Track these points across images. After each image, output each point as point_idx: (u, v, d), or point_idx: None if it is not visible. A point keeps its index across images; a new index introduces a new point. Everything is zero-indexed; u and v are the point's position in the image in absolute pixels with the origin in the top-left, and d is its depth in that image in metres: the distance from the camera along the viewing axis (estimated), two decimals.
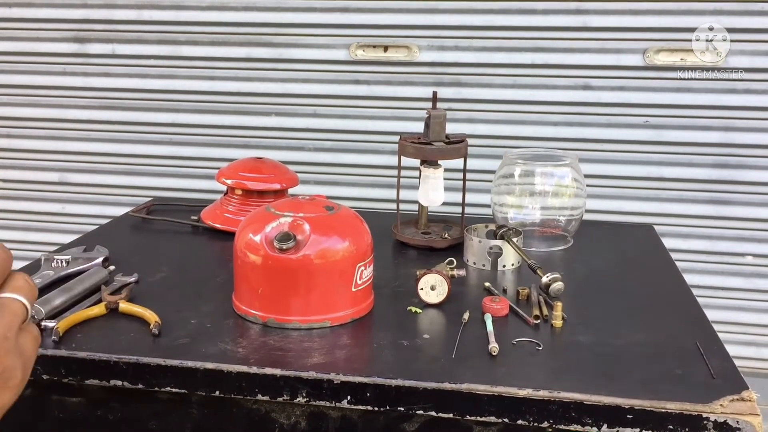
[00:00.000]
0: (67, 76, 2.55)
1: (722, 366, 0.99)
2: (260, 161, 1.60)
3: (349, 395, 0.95)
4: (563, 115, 2.33)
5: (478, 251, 1.38)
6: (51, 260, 1.30)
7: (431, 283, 1.18)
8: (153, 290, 1.23)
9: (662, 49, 2.24)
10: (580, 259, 1.44)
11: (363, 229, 1.16)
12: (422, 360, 1.02)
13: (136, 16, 2.46)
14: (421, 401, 0.94)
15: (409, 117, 2.36)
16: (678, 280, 1.35)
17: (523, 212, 1.51)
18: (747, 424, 0.87)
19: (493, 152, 2.15)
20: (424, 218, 1.53)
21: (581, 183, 1.51)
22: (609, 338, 1.08)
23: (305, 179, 2.27)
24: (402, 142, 1.47)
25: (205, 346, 1.03)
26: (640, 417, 0.89)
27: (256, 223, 1.12)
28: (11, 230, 2.69)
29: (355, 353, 1.05)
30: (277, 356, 1.01)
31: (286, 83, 2.45)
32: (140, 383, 0.99)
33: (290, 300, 1.09)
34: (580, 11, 2.26)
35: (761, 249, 2.33)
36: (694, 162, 2.30)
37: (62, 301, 1.13)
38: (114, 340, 1.05)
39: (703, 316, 1.18)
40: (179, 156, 2.55)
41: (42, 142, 2.62)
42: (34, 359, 0.66)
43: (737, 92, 2.24)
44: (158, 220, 1.63)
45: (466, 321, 1.12)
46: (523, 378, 0.95)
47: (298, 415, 1.00)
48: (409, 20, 2.34)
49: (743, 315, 2.36)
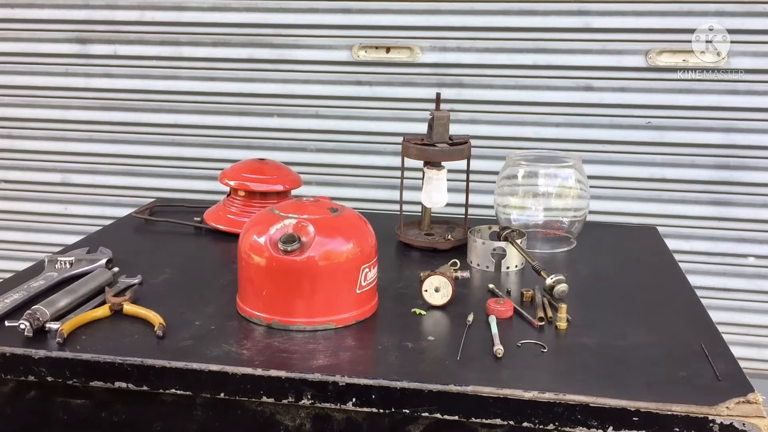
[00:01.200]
0: (69, 77, 2.55)
1: (727, 368, 0.99)
2: (263, 162, 1.60)
3: (354, 397, 0.95)
4: (565, 116, 2.33)
5: (481, 253, 1.38)
6: (55, 262, 1.30)
7: (435, 284, 1.18)
8: (157, 292, 1.23)
9: (664, 50, 2.24)
10: (583, 260, 1.44)
11: (367, 230, 1.16)
12: (427, 362, 1.02)
13: (138, 17, 2.46)
14: (426, 403, 0.94)
15: (412, 118, 2.36)
16: (682, 281, 1.35)
17: (527, 214, 1.51)
18: (753, 427, 0.87)
19: (496, 153, 2.15)
20: (428, 219, 1.53)
21: (584, 184, 1.51)
22: (614, 340, 1.08)
23: (307, 180, 2.27)
24: (405, 143, 1.47)
25: (210, 348, 1.03)
26: (646, 419, 0.89)
27: (261, 225, 1.12)
28: (14, 231, 2.69)
29: (359, 355, 1.05)
30: (282, 358, 1.01)
31: (288, 84, 2.44)
32: (145, 385, 0.99)
33: (294, 302, 1.09)
34: (582, 12, 2.26)
35: (763, 250, 2.32)
36: (696, 163, 2.30)
37: (66, 303, 1.13)
38: (118, 341, 1.05)
39: (707, 318, 1.18)
40: (181, 157, 2.55)
41: (44, 143, 2.61)
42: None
43: (739, 93, 2.23)
44: (161, 221, 1.63)
45: (470, 323, 1.12)
46: (529, 380, 0.95)
47: (303, 417, 1.00)
48: (411, 21, 2.34)
49: (745, 316, 2.36)
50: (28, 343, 1.03)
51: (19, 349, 1.02)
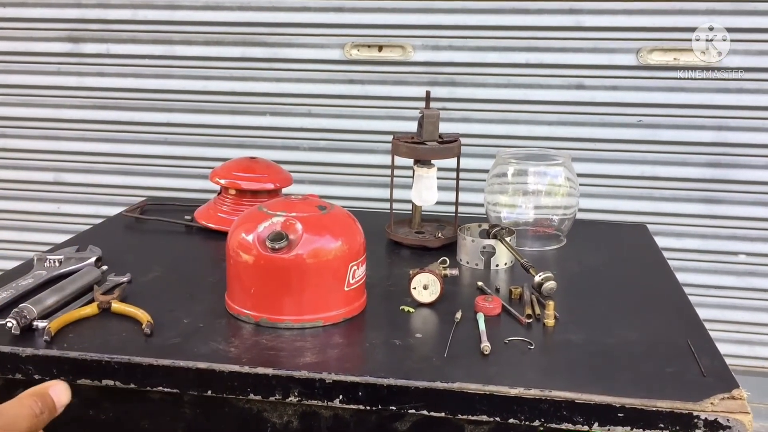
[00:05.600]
0: (61, 76, 2.55)
1: (713, 364, 0.99)
2: (254, 161, 1.60)
3: (341, 394, 0.96)
4: (557, 114, 2.33)
5: (471, 250, 1.38)
6: (44, 260, 1.30)
7: (424, 282, 1.19)
8: (146, 290, 1.23)
9: (655, 48, 2.25)
10: (572, 258, 1.45)
11: (355, 228, 1.16)
12: (414, 359, 1.02)
13: (131, 15, 2.46)
14: (413, 400, 0.94)
15: (403, 116, 2.37)
16: (670, 279, 1.35)
17: (516, 211, 1.51)
18: (737, 422, 0.87)
19: (487, 152, 2.15)
20: (418, 218, 1.53)
21: (574, 182, 1.51)
22: (601, 337, 1.09)
23: (300, 179, 2.27)
24: (395, 141, 1.47)
25: (198, 345, 1.03)
26: (631, 415, 0.90)
27: (249, 223, 1.12)
28: (6, 230, 2.69)
29: (347, 352, 1.05)
30: (270, 356, 1.01)
31: (280, 83, 2.45)
32: (132, 383, 0.99)
33: (283, 299, 1.09)
34: (574, 11, 2.26)
35: (754, 248, 2.33)
36: (688, 161, 2.31)
37: (54, 301, 1.12)
38: (106, 339, 1.05)
39: (694, 315, 1.18)
40: (173, 156, 2.55)
41: (36, 142, 2.61)
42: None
43: (730, 92, 2.24)
44: (152, 219, 1.63)
45: (458, 320, 1.12)
46: (515, 377, 0.95)
47: (290, 414, 1.00)
48: (403, 20, 2.35)
49: (736, 313, 2.37)
50: (16, 341, 1.03)
51: (6, 347, 1.01)
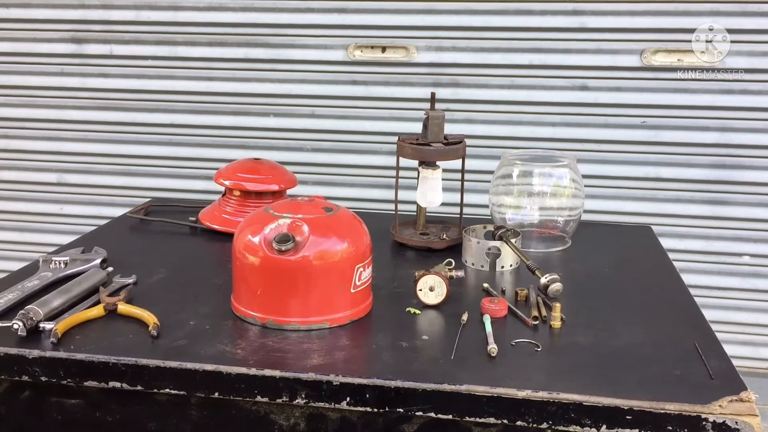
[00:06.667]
0: (64, 77, 2.55)
1: (720, 366, 0.99)
2: (258, 162, 1.60)
3: (349, 396, 0.95)
4: (561, 115, 2.33)
5: (476, 252, 1.38)
6: (49, 262, 1.30)
7: (430, 284, 1.18)
8: (151, 291, 1.23)
9: (659, 50, 2.24)
10: (578, 259, 1.45)
11: (362, 230, 1.16)
12: (421, 361, 1.02)
13: (134, 16, 2.46)
14: (420, 402, 0.94)
15: (407, 117, 2.36)
16: (676, 280, 1.35)
17: (522, 213, 1.51)
18: (746, 425, 0.87)
19: (491, 153, 2.15)
20: (423, 219, 1.53)
21: (579, 184, 1.51)
22: (607, 339, 1.09)
23: (303, 180, 2.27)
24: (400, 143, 1.47)
25: (204, 347, 1.03)
26: (639, 418, 0.89)
27: (255, 225, 1.12)
28: (9, 231, 2.69)
29: (354, 354, 1.05)
30: (276, 358, 1.01)
31: (283, 84, 2.45)
32: (139, 385, 0.99)
33: (289, 301, 1.09)
34: (577, 12, 2.26)
35: (758, 249, 2.33)
36: (691, 162, 2.31)
37: (60, 303, 1.12)
38: (112, 341, 1.05)
39: (701, 317, 1.18)
40: (177, 157, 2.55)
41: (40, 143, 2.61)
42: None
43: (734, 93, 2.24)
44: (156, 221, 1.63)
45: (464, 322, 1.12)
46: (522, 379, 0.95)
47: (297, 416, 1.00)
48: (406, 21, 2.34)
49: (740, 315, 2.37)
50: (22, 343, 1.03)
51: (12, 349, 1.01)
